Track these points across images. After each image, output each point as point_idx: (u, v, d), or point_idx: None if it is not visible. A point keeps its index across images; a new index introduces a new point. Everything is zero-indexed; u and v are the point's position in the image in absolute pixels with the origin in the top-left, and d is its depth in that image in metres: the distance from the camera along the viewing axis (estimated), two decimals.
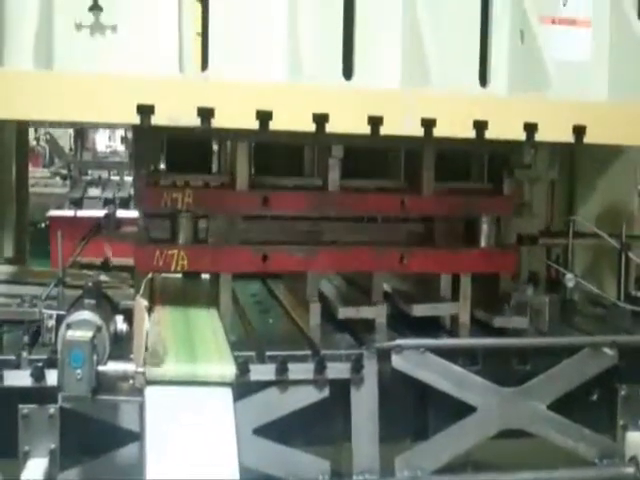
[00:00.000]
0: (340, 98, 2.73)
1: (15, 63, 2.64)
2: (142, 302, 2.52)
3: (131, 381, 2.41)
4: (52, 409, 2.67)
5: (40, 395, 2.67)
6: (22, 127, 4.59)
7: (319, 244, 3.28)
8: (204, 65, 2.88)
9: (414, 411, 3.11)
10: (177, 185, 3.22)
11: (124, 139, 13.68)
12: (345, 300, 3.39)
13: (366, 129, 2.71)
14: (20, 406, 2.67)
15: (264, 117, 2.62)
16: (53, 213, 8.83)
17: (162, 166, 3.53)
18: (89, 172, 12.23)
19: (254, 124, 2.62)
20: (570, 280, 3.58)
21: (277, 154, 3.47)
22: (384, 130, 2.72)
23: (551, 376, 3.12)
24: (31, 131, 10.06)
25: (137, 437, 2.70)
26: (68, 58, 2.73)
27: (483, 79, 3.14)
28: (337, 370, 2.87)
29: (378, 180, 3.52)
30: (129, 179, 11.51)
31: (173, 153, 3.46)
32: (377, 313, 3.24)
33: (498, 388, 3.07)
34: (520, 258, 3.61)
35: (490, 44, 3.15)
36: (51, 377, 2.62)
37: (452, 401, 3.03)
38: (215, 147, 3.75)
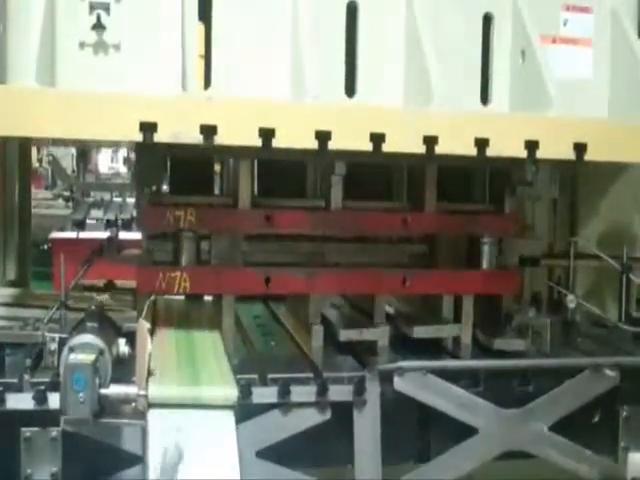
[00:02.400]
0: (342, 116, 2.74)
1: (18, 80, 2.67)
2: (145, 325, 2.52)
3: (133, 404, 2.42)
4: (54, 432, 2.67)
5: (42, 418, 2.67)
6: (25, 148, 4.61)
7: (321, 266, 3.28)
8: (207, 83, 2.89)
9: (416, 433, 3.11)
10: (180, 204, 3.19)
11: (126, 160, 13.71)
12: (347, 322, 3.39)
13: (368, 146, 2.72)
14: (22, 429, 2.67)
15: (267, 134, 2.62)
16: (55, 235, 8.82)
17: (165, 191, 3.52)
18: (91, 194, 12.24)
19: (257, 141, 2.63)
20: (572, 301, 3.58)
21: (279, 177, 3.46)
22: (386, 147, 2.72)
23: (553, 397, 3.14)
24: (34, 152, 10.08)
25: (139, 460, 2.71)
26: (71, 76, 2.74)
27: (485, 98, 3.17)
28: (339, 392, 2.87)
29: (381, 202, 3.51)
30: (131, 200, 11.54)
31: (176, 178, 3.47)
32: (379, 335, 3.25)
33: (500, 410, 3.08)
34: (522, 279, 3.63)
35: (492, 64, 3.17)
36: (53, 400, 2.61)
37: (454, 423, 3.04)
38: (217, 171, 3.74)
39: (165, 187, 3.56)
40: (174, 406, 2.39)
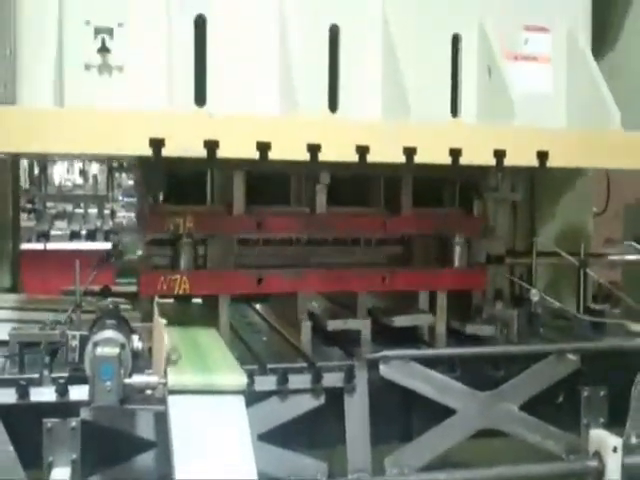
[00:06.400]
0: (332, 130, 2.98)
1: (30, 101, 2.88)
2: (162, 321, 2.77)
3: (149, 392, 2.63)
4: (74, 422, 2.87)
5: (62, 410, 2.88)
6: (15, 168, 4.79)
7: (309, 267, 3.56)
8: (203, 101, 3.12)
9: (401, 415, 3.37)
10: (179, 212, 3.40)
11: (82, 172, 13.73)
12: (331, 316, 3.64)
13: (354, 157, 2.95)
14: (44, 420, 2.87)
15: (263, 148, 2.85)
16: (23, 246, 8.88)
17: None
18: (49, 205, 12.22)
19: (254, 154, 2.85)
20: (535, 295, 3.86)
21: (267, 186, 3.67)
22: (370, 158, 2.96)
23: (522, 380, 3.42)
24: None
25: (152, 446, 2.96)
26: (77, 96, 2.94)
27: (454, 110, 3.44)
28: (332, 379, 3.14)
29: (361, 208, 3.80)
30: (93, 212, 11.62)
31: (171, 188, 3.63)
32: (363, 325, 3.53)
33: (475, 392, 3.35)
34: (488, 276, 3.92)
35: (460, 79, 3.45)
36: (73, 393, 2.86)
37: (434, 405, 3.30)
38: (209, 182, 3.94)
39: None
40: (191, 392, 2.60)
